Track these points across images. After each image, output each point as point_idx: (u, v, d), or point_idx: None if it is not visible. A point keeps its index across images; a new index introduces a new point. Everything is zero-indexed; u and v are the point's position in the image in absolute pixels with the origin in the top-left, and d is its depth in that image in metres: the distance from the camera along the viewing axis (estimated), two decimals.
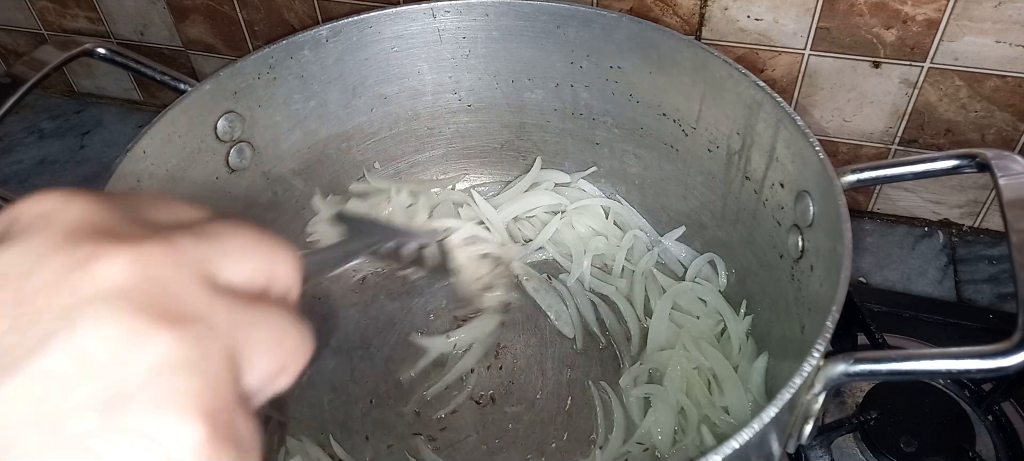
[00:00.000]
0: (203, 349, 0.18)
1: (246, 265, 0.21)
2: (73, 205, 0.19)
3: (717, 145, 0.60)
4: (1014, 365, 0.36)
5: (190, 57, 0.84)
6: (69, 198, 0.19)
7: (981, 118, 0.64)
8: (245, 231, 0.21)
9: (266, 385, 0.20)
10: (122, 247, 0.18)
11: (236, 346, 0.19)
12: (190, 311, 0.18)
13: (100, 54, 0.59)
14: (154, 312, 0.17)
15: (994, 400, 0.57)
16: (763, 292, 0.59)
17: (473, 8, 0.63)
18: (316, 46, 0.61)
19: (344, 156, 0.69)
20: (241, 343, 0.19)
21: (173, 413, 0.17)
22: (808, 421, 0.43)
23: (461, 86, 0.68)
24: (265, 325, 0.20)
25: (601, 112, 0.66)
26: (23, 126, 0.90)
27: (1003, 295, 0.67)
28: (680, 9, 0.65)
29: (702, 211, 0.65)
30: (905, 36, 0.61)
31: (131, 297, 0.17)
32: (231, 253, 0.20)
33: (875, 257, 0.71)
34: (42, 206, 0.19)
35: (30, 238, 0.18)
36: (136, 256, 0.18)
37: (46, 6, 0.84)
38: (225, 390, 0.18)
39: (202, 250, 0.20)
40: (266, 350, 0.20)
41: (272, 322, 0.20)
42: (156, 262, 0.18)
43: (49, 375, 0.16)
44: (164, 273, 0.18)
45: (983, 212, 0.71)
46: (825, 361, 0.39)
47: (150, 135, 0.53)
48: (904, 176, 0.48)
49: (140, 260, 0.18)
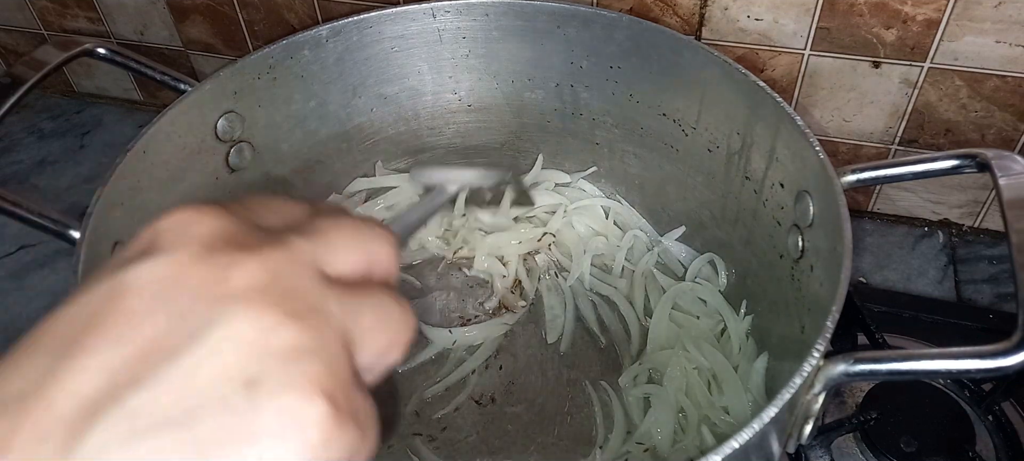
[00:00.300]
0: (322, 336, 0.21)
1: (350, 255, 0.24)
2: (205, 219, 0.22)
3: (717, 145, 0.60)
4: (1014, 365, 0.36)
5: (190, 57, 0.84)
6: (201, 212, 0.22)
7: (981, 118, 0.64)
8: (345, 222, 0.24)
9: (378, 362, 0.23)
10: (251, 255, 0.21)
11: (348, 330, 0.22)
12: (309, 304, 0.21)
13: (100, 54, 0.59)
14: (281, 307, 0.20)
15: (994, 400, 0.57)
16: (763, 292, 0.59)
17: (473, 8, 0.63)
18: (316, 46, 0.61)
19: (344, 156, 0.69)
20: (352, 327, 0.22)
21: (300, 393, 0.20)
22: (808, 421, 0.43)
23: (461, 86, 0.68)
24: (371, 308, 0.23)
25: (601, 112, 0.66)
26: (23, 126, 0.90)
27: (1003, 295, 0.67)
28: (680, 9, 0.65)
29: (702, 211, 0.65)
30: (905, 36, 0.61)
31: (262, 295, 0.20)
32: (336, 247, 0.23)
33: (875, 257, 0.71)
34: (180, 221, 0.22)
35: (176, 249, 0.21)
36: (263, 262, 0.21)
37: (46, 6, 0.84)
38: (342, 371, 0.21)
39: (313, 249, 0.23)
40: (374, 331, 0.23)
41: (377, 304, 0.23)
42: (278, 265, 0.21)
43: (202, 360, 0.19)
44: (285, 274, 0.21)
45: (983, 212, 0.71)
46: (825, 361, 0.39)
47: (150, 135, 0.53)
48: (904, 176, 0.48)
49: (266, 265, 0.21)
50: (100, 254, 0.48)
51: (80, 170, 0.85)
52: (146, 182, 0.53)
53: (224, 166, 0.61)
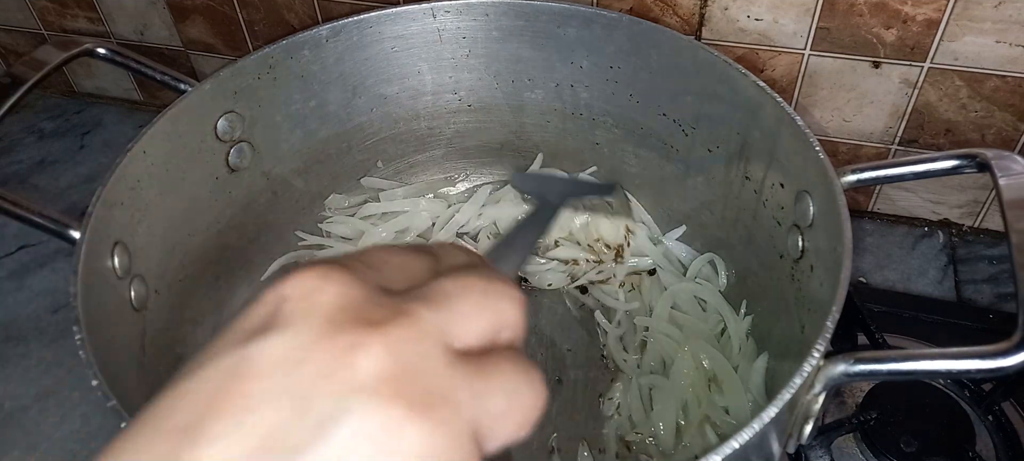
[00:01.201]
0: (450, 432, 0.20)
1: (478, 323, 0.22)
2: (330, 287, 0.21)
3: (717, 145, 0.60)
4: (1014, 365, 0.36)
5: (190, 57, 0.84)
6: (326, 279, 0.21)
7: (981, 118, 0.64)
8: (473, 284, 0.23)
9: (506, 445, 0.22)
10: (375, 334, 0.20)
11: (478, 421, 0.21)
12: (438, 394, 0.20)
13: (100, 54, 0.59)
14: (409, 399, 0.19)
15: (994, 400, 0.57)
16: (763, 292, 0.59)
17: (473, 8, 0.63)
18: (316, 46, 0.61)
19: (344, 156, 0.69)
20: (482, 416, 0.21)
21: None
22: (808, 421, 0.43)
23: (461, 86, 0.68)
24: (502, 392, 0.21)
25: (601, 112, 0.66)
26: (23, 126, 0.90)
27: (1003, 295, 0.67)
28: (680, 9, 0.65)
29: (702, 211, 0.65)
30: (905, 36, 0.61)
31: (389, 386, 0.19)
32: (464, 314, 0.22)
33: (875, 257, 0.71)
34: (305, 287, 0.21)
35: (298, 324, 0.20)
36: (388, 343, 0.20)
37: (46, 6, 0.84)
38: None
39: (439, 320, 0.21)
40: (504, 417, 0.21)
41: (506, 384, 0.22)
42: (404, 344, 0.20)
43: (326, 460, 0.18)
44: (412, 355, 0.20)
45: (983, 212, 0.71)
46: (825, 361, 0.39)
47: (150, 135, 0.53)
48: (904, 176, 0.48)
49: (391, 346, 0.20)
50: (100, 254, 0.48)
51: (80, 170, 0.84)
52: (146, 182, 0.53)
53: (224, 166, 0.61)
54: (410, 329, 0.20)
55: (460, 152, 0.73)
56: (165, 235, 0.56)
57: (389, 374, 0.19)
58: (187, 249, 0.58)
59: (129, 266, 0.51)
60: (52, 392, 0.64)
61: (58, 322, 0.69)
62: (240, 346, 0.20)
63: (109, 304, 0.48)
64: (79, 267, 0.45)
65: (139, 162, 0.52)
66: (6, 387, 0.64)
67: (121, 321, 0.49)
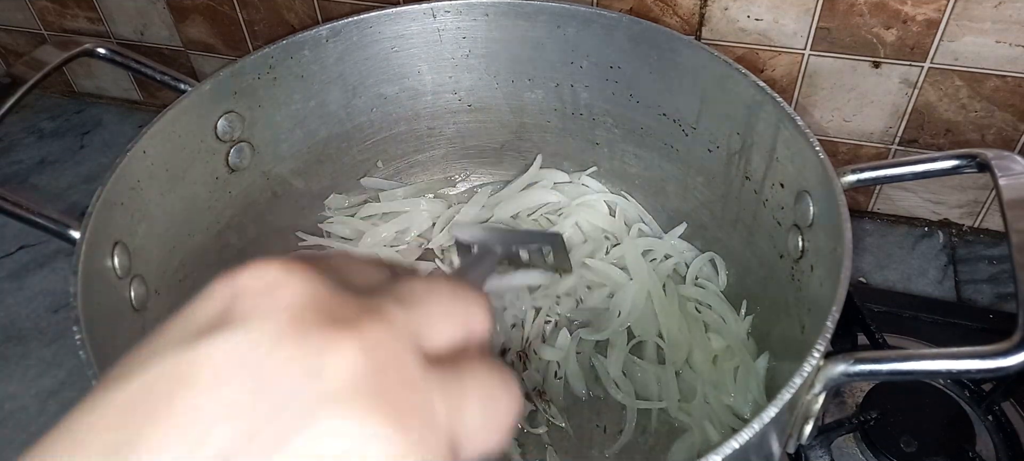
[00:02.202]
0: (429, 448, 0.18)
1: (449, 326, 0.21)
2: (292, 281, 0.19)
3: (717, 145, 0.60)
4: (1014, 365, 0.36)
5: (190, 57, 0.84)
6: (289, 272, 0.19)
7: (981, 118, 0.64)
8: (440, 289, 0.22)
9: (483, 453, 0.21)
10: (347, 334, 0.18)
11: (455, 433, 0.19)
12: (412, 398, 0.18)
13: (100, 54, 0.59)
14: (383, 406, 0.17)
15: (994, 400, 0.57)
16: (763, 292, 0.59)
17: (473, 8, 0.63)
18: (316, 46, 0.61)
19: (344, 156, 0.69)
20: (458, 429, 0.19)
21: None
22: (808, 421, 0.43)
23: (461, 86, 0.68)
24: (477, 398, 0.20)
25: (601, 112, 0.66)
26: (23, 126, 0.90)
27: (1003, 295, 0.67)
28: (680, 9, 0.65)
29: (702, 211, 0.65)
30: (905, 36, 0.61)
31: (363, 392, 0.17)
32: (434, 317, 0.21)
33: (875, 257, 0.71)
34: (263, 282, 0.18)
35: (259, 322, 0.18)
36: (361, 343, 0.18)
37: (46, 6, 0.84)
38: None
39: (411, 320, 0.20)
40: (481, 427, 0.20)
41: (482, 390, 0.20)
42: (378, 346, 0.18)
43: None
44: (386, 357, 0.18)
45: (983, 212, 0.71)
46: (825, 361, 0.39)
47: (150, 135, 0.53)
48: (904, 176, 0.48)
49: (365, 348, 0.18)
50: (100, 254, 0.48)
51: (80, 170, 0.85)
52: (146, 182, 0.53)
53: (224, 166, 0.61)
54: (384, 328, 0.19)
55: (460, 152, 0.73)
56: (165, 235, 0.56)
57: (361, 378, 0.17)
58: (187, 249, 0.59)
59: (129, 266, 0.51)
60: (52, 392, 0.64)
61: (58, 322, 0.69)
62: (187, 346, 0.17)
63: (109, 304, 0.48)
64: (79, 267, 0.45)
65: (139, 162, 0.52)
66: (6, 387, 0.64)
67: (121, 321, 0.49)
